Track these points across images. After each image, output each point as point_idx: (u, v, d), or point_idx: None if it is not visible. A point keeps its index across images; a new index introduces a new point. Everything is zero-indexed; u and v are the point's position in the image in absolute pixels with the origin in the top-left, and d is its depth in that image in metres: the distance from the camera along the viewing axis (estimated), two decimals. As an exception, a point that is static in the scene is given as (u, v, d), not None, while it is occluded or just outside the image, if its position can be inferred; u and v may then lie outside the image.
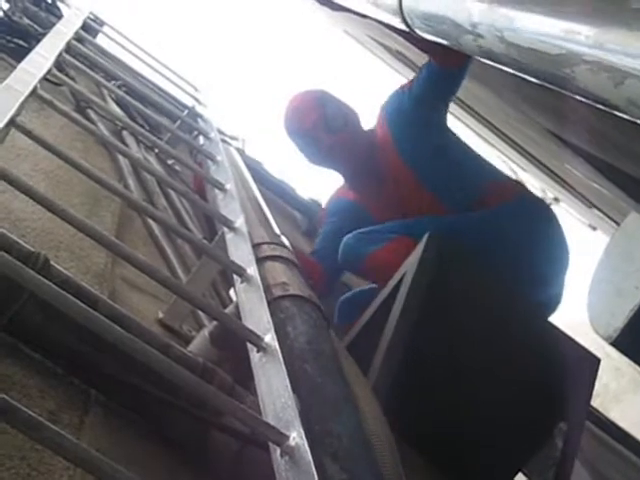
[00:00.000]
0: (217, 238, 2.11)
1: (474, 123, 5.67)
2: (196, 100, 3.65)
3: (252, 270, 1.79)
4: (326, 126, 3.15)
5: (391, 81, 3.21)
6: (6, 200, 1.95)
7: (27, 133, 1.81)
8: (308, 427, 1.31)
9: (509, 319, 2.35)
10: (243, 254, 1.91)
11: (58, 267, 1.57)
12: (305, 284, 1.97)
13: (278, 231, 2.35)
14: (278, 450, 1.24)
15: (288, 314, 1.74)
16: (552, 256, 2.97)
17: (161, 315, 2.16)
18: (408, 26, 2.07)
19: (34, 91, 2.04)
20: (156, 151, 3.39)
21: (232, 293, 2.45)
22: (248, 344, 1.52)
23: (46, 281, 1.22)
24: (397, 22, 2.12)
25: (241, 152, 3.94)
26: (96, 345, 1.47)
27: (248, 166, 3.34)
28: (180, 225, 2.80)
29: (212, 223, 2.86)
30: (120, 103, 3.53)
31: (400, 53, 4.71)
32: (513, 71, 1.51)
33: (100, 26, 3.89)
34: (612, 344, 2.49)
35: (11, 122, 1.75)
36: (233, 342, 1.71)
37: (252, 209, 2.49)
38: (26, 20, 3.68)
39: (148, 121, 3.59)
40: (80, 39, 3.06)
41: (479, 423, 2.25)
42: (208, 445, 1.60)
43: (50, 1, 4.14)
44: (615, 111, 1.17)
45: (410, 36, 2.33)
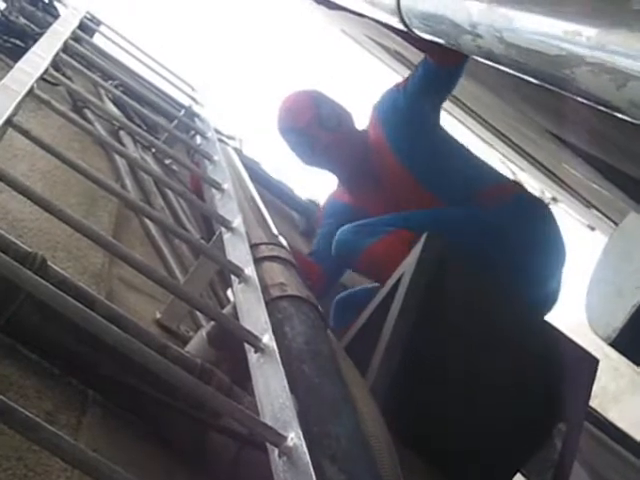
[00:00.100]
0: (215, 238, 2.11)
1: (472, 123, 5.67)
2: (193, 99, 3.64)
3: (250, 270, 1.79)
4: (320, 126, 3.15)
5: (388, 80, 3.20)
6: (3, 200, 1.95)
7: (24, 133, 1.80)
8: (306, 428, 1.31)
9: (508, 320, 2.35)
10: (241, 254, 1.90)
11: (55, 267, 1.57)
12: (303, 285, 1.97)
13: (276, 231, 2.35)
14: (276, 451, 1.24)
15: (286, 314, 1.74)
16: (549, 254, 2.96)
17: (158, 315, 2.16)
18: (406, 26, 2.06)
19: (31, 91, 2.03)
20: (153, 151, 3.38)
21: (230, 293, 2.44)
22: (246, 345, 1.52)
23: (43, 281, 1.21)
24: (395, 22, 2.12)
25: (238, 152, 3.93)
26: (93, 345, 1.47)
27: (245, 166, 3.33)
28: (177, 225, 2.79)
29: (209, 223, 2.86)
30: (117, 103, 3.53)
31: (398, 53, 4.70)
32: (512, 72, 1.51)
33: (97, 25, 3.88)
34: (611, 344, 2.49)
35: (8, 122, 1.74)
36: (231, 343, 1.71)
37: (250, 209, 2.48)
38: (23, 20, 3.67)
39: (145, 121, 3.58)
40: (77, 39, 3.05)
41: (478, 424, 2.25)
42: (206, 446, 1.60)
43: (47, 1, 4.13)
44: (617, 113, 1.16)
45: (407, 35, 2.33)
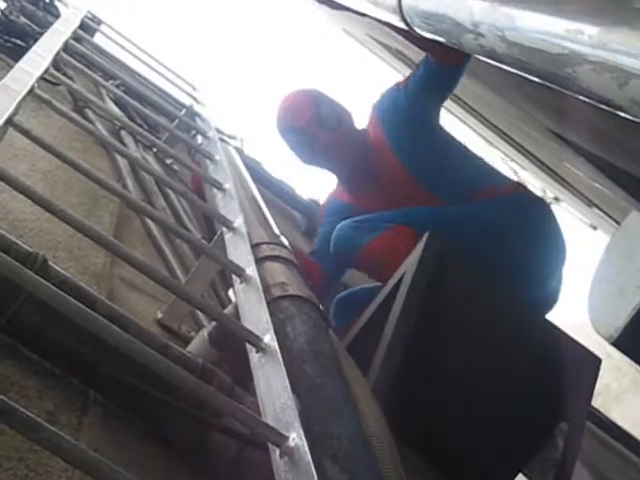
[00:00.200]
0: (216, 238, 2.10)
1: (474, 122, 5.67)
2: (194, 99, 3.64)
3: (251, 270, 1.79)
4: (319, 125, 3.14)
5: (390, 79, 3.19)
6: (4, 200, 1.94)
7: (25, 133, 1.80)
8: (308, 428, 1.31)
9: (510, 319, 2.34)
10: (242, 254, 1.90)
11: (56, 267, 1.56)
12: (304, 284, 1.96)
13: (277, 231, 2.34)
14: (277, 451, 1.23)
15: (287, 314, 1.73)
16: (549, 253, 2.95)
17: (160, 315, 2.15)
18: (407, 25, 2.06)
19: (32, 90, 2.03)
20: (154, 150, 3.38)
21: (231, 293, 2.44)
22: (247, 345, 1.52)
23: (44, 281, 1.21)
24: (396, 21, 2.12)
25: (240, 151, 3.93)
26: (94, 345, 1.46)
27: (247, 165, 3.33)
28: (179, 225, 2.79)
29: (211, 223, 2.86)
30: (118, 102, 3.53)
31: (400, 52, 4.70)
32: (515, 70, 1.50)
33: (98, 25, 3.88)
34: (613, 344, 2.48)
35: (8, 122, 1.74)
36: (232, 343, 1.71)
37: (251, 209, 2.48)
38: (23, 19, 3.67)
39: (146, 120, 3.58)
40: (78, 38, 3.05)
41: (479, 423, 2.25)
42: (207, 446, 1.59)
43: (48, 0, 4.13)
44: (619, 111, 1.16)
45: (409, 34, 2.32)
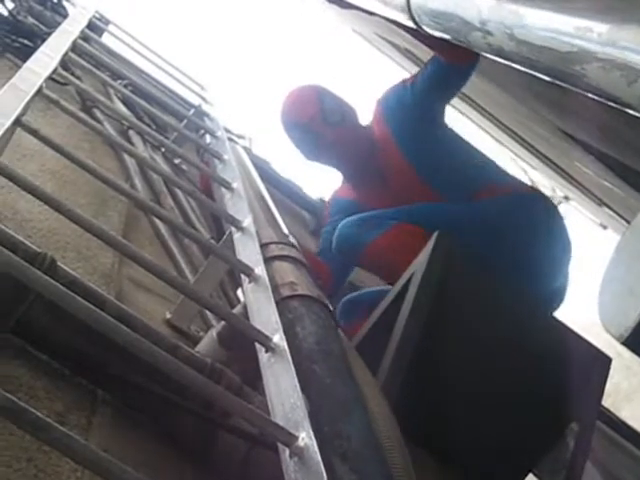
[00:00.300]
0: (225, 238, 2.10)
1: (484, 121, 5.66)
2: (202, 99, 3.64)
3: (260, 270, 1.79)
4: (324, 121, 3.12)
5: (398, 78, 3.18)
6: (12, 200, 1.94)
7: (33, 133, 1.80)
8: (317, 428, 1.31)
9: (520, 319, 2.33)
10: (251, 254, 1.90)
11: (65, 268, 1.56)
12: (313, 284, 1.96)
13: (286, 230, 2.34)
14: (287, 451, 1.23)
15: (296, 314, 1.73)
16: (555, 251, 2.94)
17: (169, 315, 2.15)
18: (416, 23, 2.06)
19: (40, 90, 2.03)
20: (163, 150, 3.38)
21: (240, 293, 2.44)
22: (256, 344, 1.52)
23: (53, 282, 1.21)
24: (405, 19, 2.12)
25: (248, 151, 3.93)
26: (103, 346, 1.46)
27: (255, 165, 3.33)
28: (187, 225, 2.79)
29: (219, 223, 2.85)
30: (126, 102, 3.53)
31: (408, 51, 4.70)
32: (523, 69, 1.50)
33: (106, 25, 3.89)
34: (623, 343, 2.47)
35: (17, 122, 1.74)
36: (241, 342, 1.71)
37: (260, 208, 2.48)
38: (31, 19, 3.67)
39: (154, 120, 3.58)
40: (86, 38, 3.05)
41: (490, 423, 2.24)
42: (216, 446, 1.59)
43: (55, 0, 4.13)
44: (628, 109, 1.16)
45: (417, 33, 2.32)
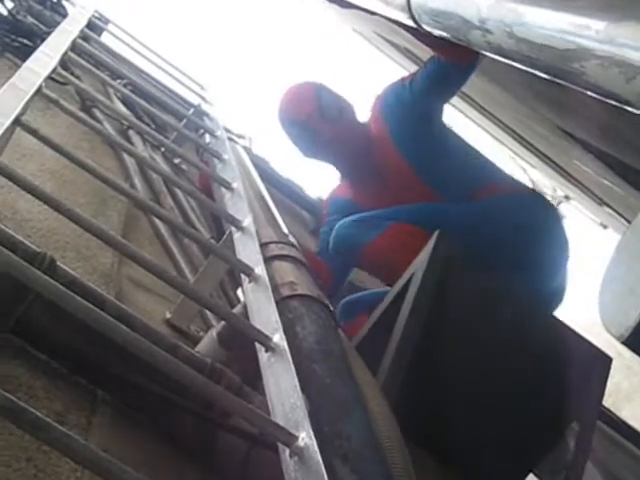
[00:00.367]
0: (225, 237, 2.10)
1: (483, 120, 5.65)
2: (202, 98, 3.64)
3: (260, 269, 1.78)
4: (321, 117, 3.11)
5: (398, 77, 3.18)
6: (12, 200, 1.94)
7: (32, 132, 1.80)
8: (317, 428, 1.30)
9: (520, 319, 2.33)
10: (251, 253, 1.90)
11: (64, 267, 1.56)
12: (314, 283, 1.96)
13: (286, 230, 2.34)
14: (287, 451, 1.23)
15: (296, 314, 1.73)
16: (553, 250, 2.94)
17: (168, 315, 2.15)
18: (416, 22, 2.06)
19: (39, 90, 2.03)
20: (162, 150, 3.38)
21: (240, 293, 2.44)
22: (256, 344, 1.51)
23: (52, 281, 1.21)
24: (405, 18, 2.12)
25: (248, 151, 3.93)
26: (103, 346, 1.46)
27: (255, 165, 3.33)
28: (187, 224, 2.78)
29: (219, 222, 2.85)
30: (126, 102, 3.53)
31: (408, 50, 4.70)
32: (522, 67, 1.50)
33: (105, 24, 3.89)
34: (624, 343, 2.46)
35: (16, 121, 1.74)
36: (241, 342, 1.70)
37: (260, 208, 2.48)
38: (31, 19, 3.67)
39: (154, 120, 3.58)
40: (85, 37, 3.05)
41: (490, 423, 2.23)
42: (216, 446, 1.59)
43: (55, 0, 4.12)
44: (626, 106, 1.16)
45: (417, 32, 2.32)
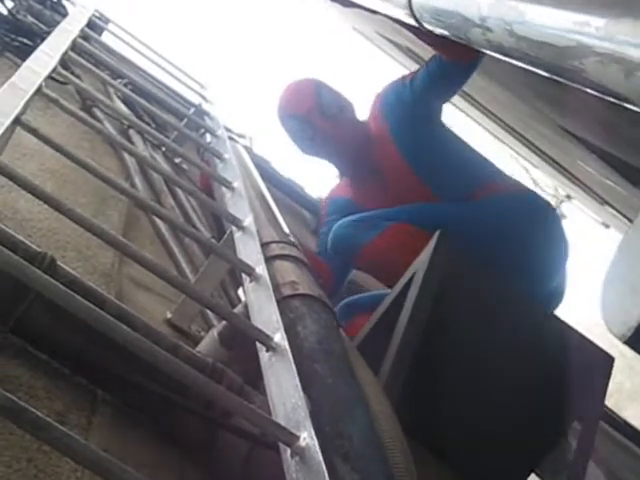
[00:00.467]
0: (225, 237, 2.10)
1: (485, 119, 5.65)
2: (203, 97, 3.63)
3: (261, 269, 1.78)
4: (321, 114, 3.10)
5: (398, 76, 3.17)
6: (12, 200, 1.94)
7: (33, 132, 1.80)
8: (319, 427, 1.30)
9: (522, 319, 2.33)
10: (252, 253, 1.89)
11: (65, 267, 1.56)
12: (315, 283, 1.95)
13: (287, 230, 2.33)
14: (288, 450, 1.23)
15: (298, 313, 1.73)
16: (551, 250, 2.94)
17: (169, 315, 2.14)
18: (417, 20, 2.05)
19: (39, 89, 2.02)
20: (163, 149, 3.37)
21: (241, 292, 2.43)
22: (257, 344, 1.51)
23: (53, 281, 1.20)
24: (406, 17, 2.11)
25: (249, 150, 3.93)
26: (103, 345, 1.45)
27: (256, 164, 3.32)
28: (188, 224, 2.78)
29: (220, 222, 2.85)
30: (126, 101, 3.53)
31: (410, 50, 4.69)
32: (522, 65, 1.50)
33: (105, 24, 3.89)
34: (626, 343, 2.46)
35: (16, 121, 1.74)
36: (242, 342, 1.70)
37: (261, 207, 2.47)
38: (31, 18, 3.67)
39: (155, 119, 3.58)
40: (85, 37, 3.05)
41: (492, 423, 2.23)
42: (217, 446, 1.58)
43: (55, -1, 4.12)
44: (626, 103, 1.16)
45: (419, 31, 2.31)
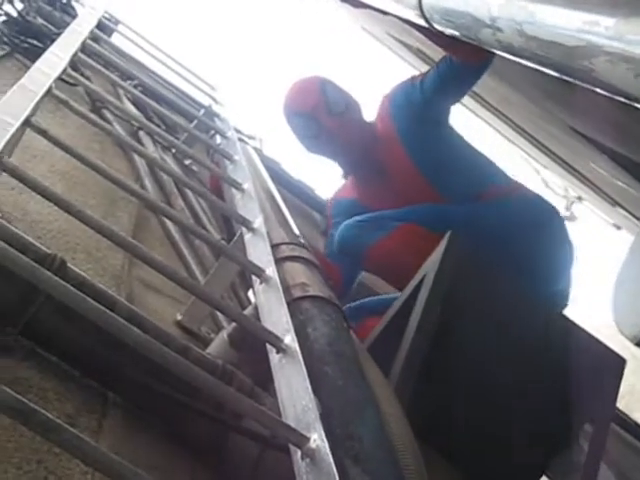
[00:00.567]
0: (235, 238, 2.10)
1: (495, 120, 5.64)
2: (213, 99, 3.64)
3: (271, 271, 1.78)
4: (327, 111, 3.09)
5: (408, 77, 3.17)
6: (22, 201, 1.94)
7: (43, 133, 1.79)
8: (329, 429, 1.30)
9: (533, 320, 2.32)
10: (262, 255, 1.89)
11: (75, 269, 1.55)
12: (325, 285, 1.95)
13: (297, 231, 2.33)
14: (299, 452, 1.23)
15: (308, 315, 1.72)
16: (557, 252, 2.93)
17: (179, 317, 2.14)
18: (427, 21, 2.05)
19: (49, 91, 2.03)
20: (173, 151, 3.38)
21: (251, 294, 2.43)
22: (268, 345, 1.51)
23: (63, 283, 1.20)
24: (416, 17, 2.11)
25: (259, 151, 3.93)
26: (114, 347, 1.45)
27: (266, 166, 3.32)
28: (197, 226, 2.78)
29: (230, 224, 2.84)
30: (136, 103, 3.53)
31: (420, 51, 4.68)
32: (532, 65, 1.49)
33: (115, 25, 3.89)
34: (637, 344, 2.46)
35: (26, 122, 1.74)
36: (252, 344, 1.70)
37: (271, 209, 2.47)
38: (40, 20, 3.67)
39: (164, 121, 3.58)
40: (95, 38, 3.05)
41: (502, 425, 2.23)
42: (228, 448, 1.58)
43: (64, 1, 4.12)
44: (636, 103, 1.16)
45: (430, 32, 2.31)
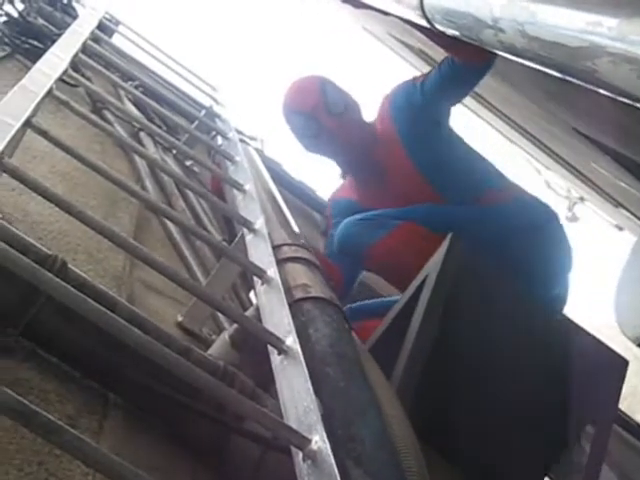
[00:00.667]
0: (237, 239, 2.09)
1: (496, 121, 5.63)
2: (214, 100, 3.63)
3: (272, 272, 1.77)
4: (326, 111, 3.09)
5: (409, 77, 3.16)
6: (23, 202, 1.94)
7: (43, 134, 1.79)
8: (331, 431, 1.30)
9: (535, 321, 2.32)
10: (263, 255, 1.89)
11: (75, 270, 1.55)
12: (326, 286, 1.95)
13: (298, 232, 2.33)
14: (300, 454, 1.23)
15: (310, 316, 1.72)
16: (556, 255, 2.93)
17: (180, 318, 2.14)
18: (429, 22, 2.05)
19: (50, 92, 2.02)
20: (174, 152, 3.37)
21: (252, 295, 2.43)
22: (269, 347, 1.50)
23: (64, 284, 1.20)
24: (418, 18, 2.11)
25: (260, 152, 3.92)
26: (114, 349, 1.45)
27: (267, 167, 3.32)
28: (199, 227, 2.78)
29: (231, 225, 2.84)
30: (137, 104, 3.53)
31: (422, 51, 4.68)
32: (534, 65, 1.49)
33: (116, 26, 3.89)
34: (639, 346, 2.46)
35: (27, 123, 1.73)
36: (254, 345, 1.70)
37: (272, 210, 2.47)
38: (41, 20, 3.67)
39: (165, 122, 3.58)
40: (96, 39, 3.05)
41: (505, 426, 2.23)
42: (229, 449, 1.58)
43: (65, 1, 4.12)
44: (638, 104, 1.15)
45: (431, 33, 2.30)
